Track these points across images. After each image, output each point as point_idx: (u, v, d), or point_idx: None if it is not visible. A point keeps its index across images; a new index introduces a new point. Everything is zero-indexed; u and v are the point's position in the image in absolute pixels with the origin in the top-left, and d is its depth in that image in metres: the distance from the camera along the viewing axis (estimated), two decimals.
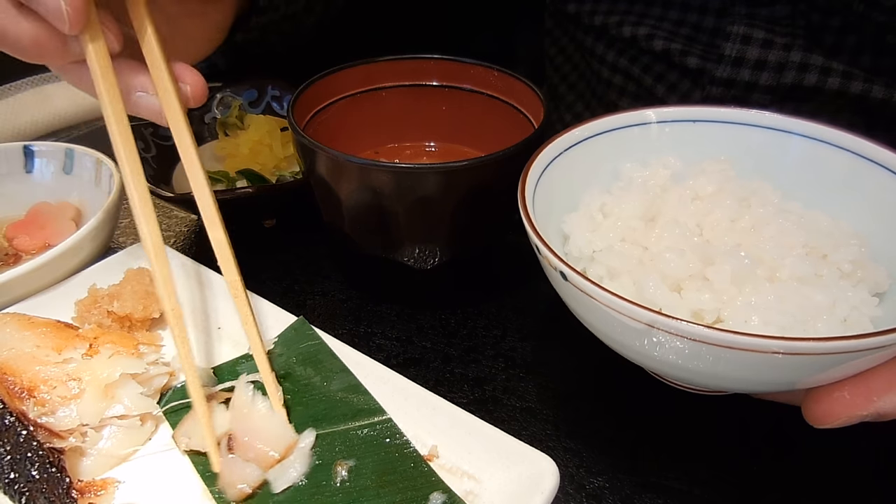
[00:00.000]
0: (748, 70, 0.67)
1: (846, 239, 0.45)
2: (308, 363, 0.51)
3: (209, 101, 0.79)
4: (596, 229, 0.49)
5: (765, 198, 0.49)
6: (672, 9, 0.72)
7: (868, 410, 0.37)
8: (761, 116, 0.52)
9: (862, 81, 0.64)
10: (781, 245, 0.44)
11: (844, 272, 0.44)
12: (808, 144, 0.51)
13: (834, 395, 0.37)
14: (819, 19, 0.64)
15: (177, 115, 0.50)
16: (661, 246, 0.45)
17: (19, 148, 0.69)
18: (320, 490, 0.44)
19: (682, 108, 0.54)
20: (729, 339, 0.35)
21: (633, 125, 0.54)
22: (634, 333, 0.39)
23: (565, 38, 0.87)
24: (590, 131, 0.53)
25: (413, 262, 0.59)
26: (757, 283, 0.42)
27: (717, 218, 0.47)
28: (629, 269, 0.45)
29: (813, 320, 0.40)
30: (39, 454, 0.43)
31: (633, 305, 0.36)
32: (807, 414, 0.39)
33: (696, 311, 0.42)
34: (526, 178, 0.47)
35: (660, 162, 0.53)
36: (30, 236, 0.66)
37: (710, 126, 0.53)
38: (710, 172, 0.50)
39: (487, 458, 0.44)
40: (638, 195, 0.49)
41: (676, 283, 0.43)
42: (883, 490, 0.47)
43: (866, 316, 0.41)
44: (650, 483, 0.47)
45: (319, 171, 0.56)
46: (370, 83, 0.68)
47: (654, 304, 0.42)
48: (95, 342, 0.49)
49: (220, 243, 0.51)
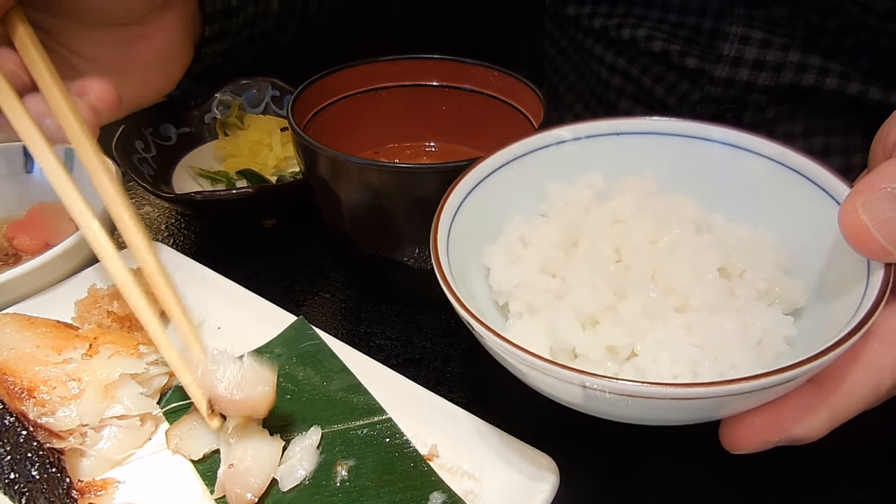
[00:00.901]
0: (746, 70, 0.67)
1: (763, 255, 0.45)
2: (308, 363, 0.51)
3: (209, 102, 0.79)
4: (516, 261, 0.48)
5: (685, 214, 0.48)
6: (671, 11, 0.72)
7: (778, 436, 0.37)
8: (683, 125, 0.51)
9: (860, 83, 0.65)
10: (695, 269, 0.43)
11: (761, 291, 0.44)
12: (729, 152, 0.50)
13: (745, 422, 0.38)
14: (817, 20, 0.64)
15: (76, 133, 0.51)
16: (578, 278, 0.44)
17: (19, 148, 0.69)
18: (320, 490, 0.44)
19: (596, 122, 0.53)
20: (612, 387, 0.34)
21: (550, 145, 0.52)
22: (538, 380, 0.38)
23: (565, 40, 0.87)
24: (508, 156, 0.51)
25: (413, 262, 0.59)
26: (667, 315, 0.42)
27: (635, 242, 0.46)
28: (547, 303, 0.44)
29: (725, 349, 0.40)
30: (39, 454, 0.43)
31: (524, 353, 0.36)
32: (722, 440, 0.39)
33: (610, 346, 0.41)
34: (440, 214, 0.46)
35: (583, 180, 0.52)
36: (30, 236, 0.65)
37: (633, 138, 0.52)
38: (630, 191, 0.50)
39: (487, 458, 0.44)
40: (558, 222, 0.49)
41: (592, 318, 0.43)
42: (883, 490, 0.47)
43: (780, 337, 0.41)
44: (650, 483, 0.47)
45: (319, 171, 0.56)
46: (370, 83, 0.68)
47: (567, 343, 0.42)
48: (95, 342, 0.49)
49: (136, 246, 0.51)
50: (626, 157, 0.52)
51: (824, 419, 0.37)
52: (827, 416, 0.37)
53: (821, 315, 0.43)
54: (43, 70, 0.51)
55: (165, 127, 0.76)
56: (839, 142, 0.71)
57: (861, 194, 0.37)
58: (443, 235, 0.45)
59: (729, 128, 0.50)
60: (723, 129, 0.50)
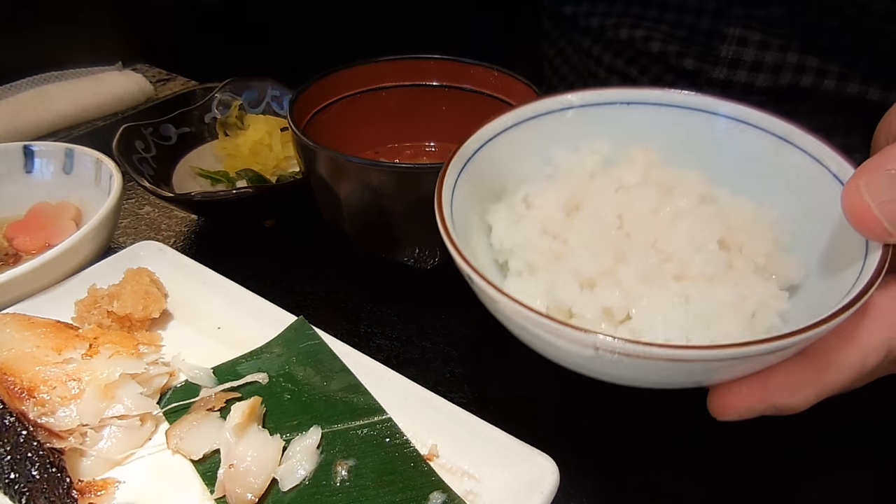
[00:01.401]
0: (744, 72, 0.67)
1: (763, 230, 0.45)
2: (308, 363, 0.51)
3: (209, 102, 0.79)
4: (518, 221, 0.48)
5: (689, 187, 0.48)
6: (668, 11, 0.72)
7: (764, 405, 0.38)
8: (691, 98, 0.51)
9: (858, 83, 0.64)
10: (695, 239, 0.44)
11: (758, 265, 0.44)
12: (736, 127, 0.50)
13: (732, 390, 0.38)
14: (815, 20, 0.64)
15: None
16: (579, 240, 0.45)
17: (19, 148, 0.69)
18: (320, 490, 0.44)
19: (606, 90, 0.53)
20: (607, 345, 0.35)
21: (557, 110, 0.52)
22: (530, 334, 0.39)
23: (563, 40, 0.87)
24: (514, 118, 0.51)
25: (413, 262, 0.59)
26: (664, 281, 0.42)
27: (638, 210, 0.46)
28: (546, 263, 0.45)
29: (719, 318, 0.40)
30: (40, 454, 0.43)
31: (520, 306, 0.36)
32: (710, 406, 0.40)
33: (606, 308, 0.41)
34: (447, 170, 0.46)
35: (589, 147, 0.52)
36: (30, 236, 0.66)
37: (643, 108, 0.52)
38: (636, 160, 0.50)
39: (487, 458, 0.44)
40: (562, 185, 0.49)
41: (590, 280, 0.43)
42: (883, 490, 0.47)
43: (774, 311, 0.41)
44: (650, 483, 0.47)
45: (319, 171, 0.56)
46: (370, 83, 0.68)
47: (564, 302, 0.42)
48: (95, 342, 0.49)
49: None
50: (632, 126, 0.52)
51: (810, 392, 0.38)
52: (813, 389, 0.38)
53: (816, 293, 0.43)
54: None
55: (165, 127, 0.76)
56: (838, 142, 0.71)
57: (865, 175, 0.37)
58: (447, 193, 0.45)
59: (736, 102, 0.50)
60: (731, 103, 0.50)
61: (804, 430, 0.50)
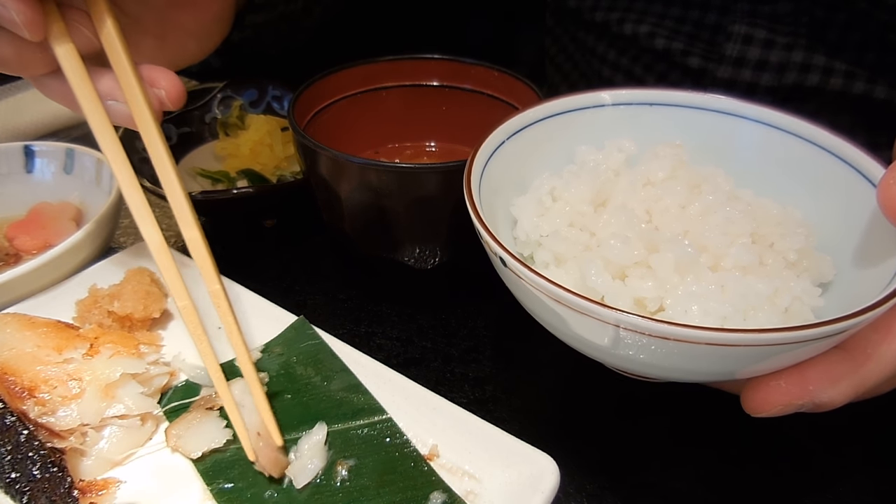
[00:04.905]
0: (749, 71, 0.67)
1: (794, 228, 0.45)
2: (308, 363, 0.51)
3: (209, 102, 0.79)
4: (544, 213, 0.48)
5: (716, 184, 0.48)
6: (674, 5, 0.71)
7: (803, 400, 0.37)
8: (716, 100, 0.52)
9: (864, 81, 0.64)
10: (728, 233, 0.43)
11: (790, 261, 0.44)
12: (762, 130, 0.50)
13: (770, 385, 0.38)
14: (823, 15, 0.64)
15: (146, 121, 0.49)
16: (608, 232, 0.44)
17: (20, 148, 0.69)
18: (320, 489, 0.44)
19: (637, 90, 0.53)
20: (649, 327, 0.34)
21: (588, 107, 0.53)
22: (563, 318, 0.38)
23: (566, 37, 0.87)
24: (544, 112, 0.52)
25: (413, 262, 0.59)
26: (699, 271, 0.42)
27: (666, 204, 0.46)
28: (575, 254, 0.45)
29: (754, 310, 0.40)
30: (41, 454, 0.43)
31: (560, 289, 0.36)
32: (744, 402, 0.39)
33: (638, 298, 0.41)
34: (474, 159, 0.46)
35: (615, 145, 0.52)
36: (30, 236, 0.66)
37: (667, 109, 0.53)
38: (663, 157, 0.50)
39: (487, 458, 0.44)
40: (588, 179, 0.49)
41: (621, 270, 0.43)
42: (883, 490, 0.47)
43: (808, 306, 0.41)
44: (650, 483, 0.47)
45: (319, 171, 0.56)
46: (370, 83, 0.68)
47: (596, 291, 0.42)
48: (96, 342, 0.49)
49: (194, 242, 0.50)
50: (657, 127, 0.53)
51: (849, 386, 0.37)
52: (851, 384, 0.37)
53: (848, 291, 0.43)
54: (119, 50, 0.48)
55: (166, 127, 0.76)
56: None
57: None
58: (475, 181, 0.45)
59: (763, 106, 0.50)
60: (757, 106, 0.50)
61: (805, 430, 0.50)
